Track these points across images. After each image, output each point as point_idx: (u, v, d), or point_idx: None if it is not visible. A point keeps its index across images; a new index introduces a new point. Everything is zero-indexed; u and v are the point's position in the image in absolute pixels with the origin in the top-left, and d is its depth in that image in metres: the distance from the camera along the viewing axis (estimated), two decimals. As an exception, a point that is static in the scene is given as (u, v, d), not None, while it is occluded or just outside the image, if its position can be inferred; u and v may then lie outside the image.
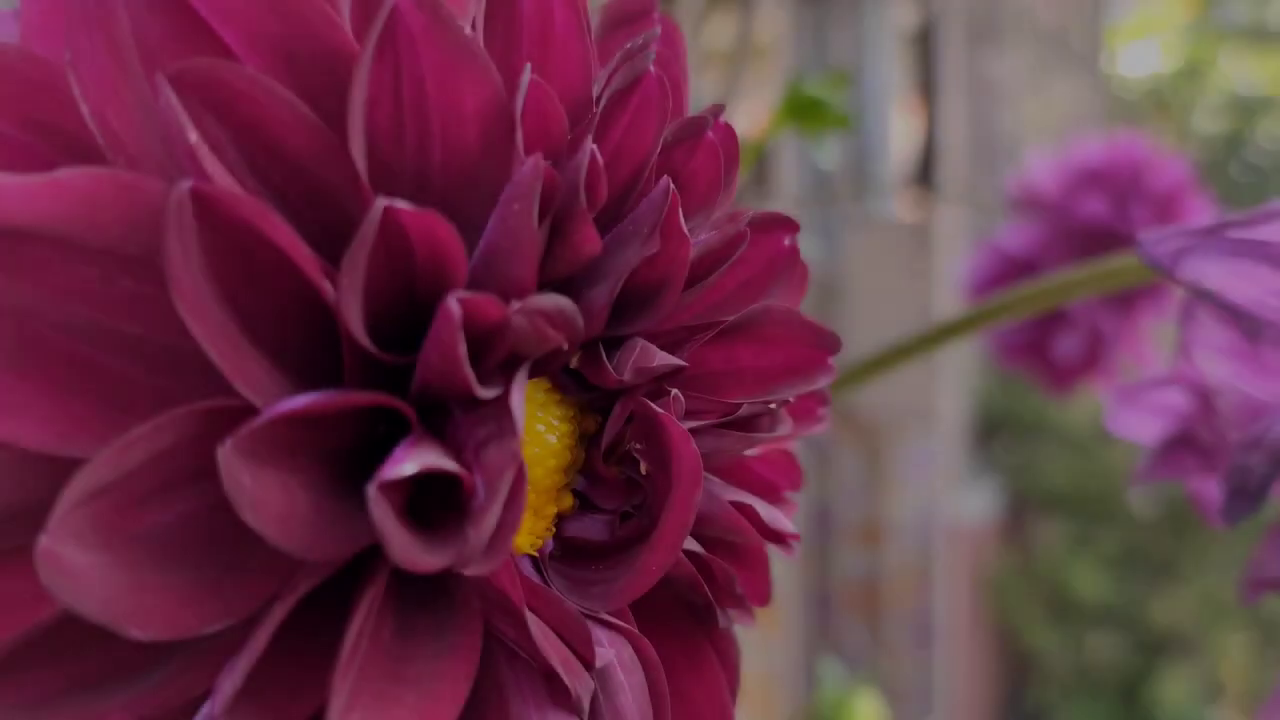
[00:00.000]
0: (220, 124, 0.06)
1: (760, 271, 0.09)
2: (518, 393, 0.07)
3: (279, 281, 0.06)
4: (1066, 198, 0.45)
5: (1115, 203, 0.44)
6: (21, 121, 0.07)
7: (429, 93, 0.07)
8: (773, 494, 0.10)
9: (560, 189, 0.07)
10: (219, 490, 0.06)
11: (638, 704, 0.08)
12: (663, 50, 0.08)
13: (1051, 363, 0.46)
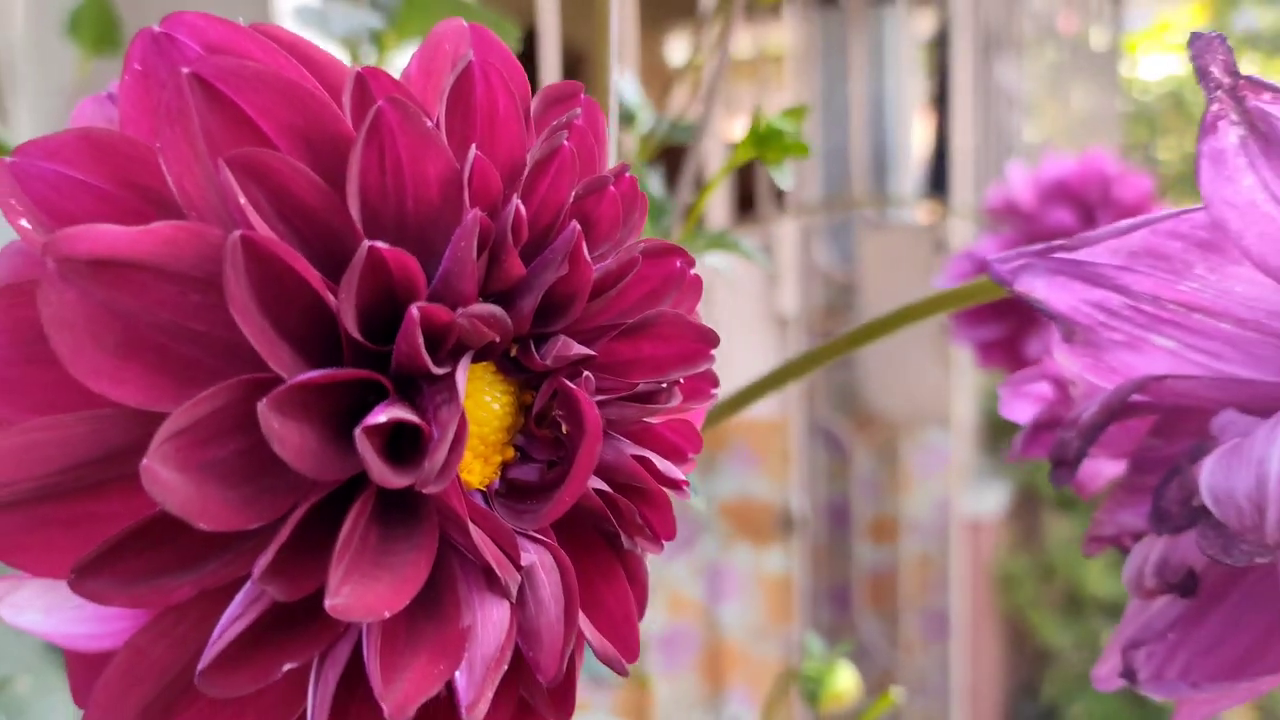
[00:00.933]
0: (260, 190, 0.09)
1: (658, 286, 0.12)
2: (461, 371, 0.10)
3: (299, 296, 0.09)
4: (1039, 208, 0.47)
5: (1084, 214, 0.47)
6: (124, 184, 0.10)
7: (404, 165, 0.10)
8: (677, 454, 0.13)
9: (494, 231, 0.10)
10: (258, 434, 0.09)
11: (554, 596, 0.11)
12: (581, 125, 0.11)
13: (1025, 362, 0.48)
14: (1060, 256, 0.14)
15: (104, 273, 0.09)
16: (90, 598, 0.09)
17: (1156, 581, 0.14)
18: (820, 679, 0.42)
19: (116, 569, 0.09)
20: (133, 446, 0.09)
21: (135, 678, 0.10)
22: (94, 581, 0.09)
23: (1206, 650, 0.14)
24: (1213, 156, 0.12)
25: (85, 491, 0.09)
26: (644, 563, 0.13)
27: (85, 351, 0.09)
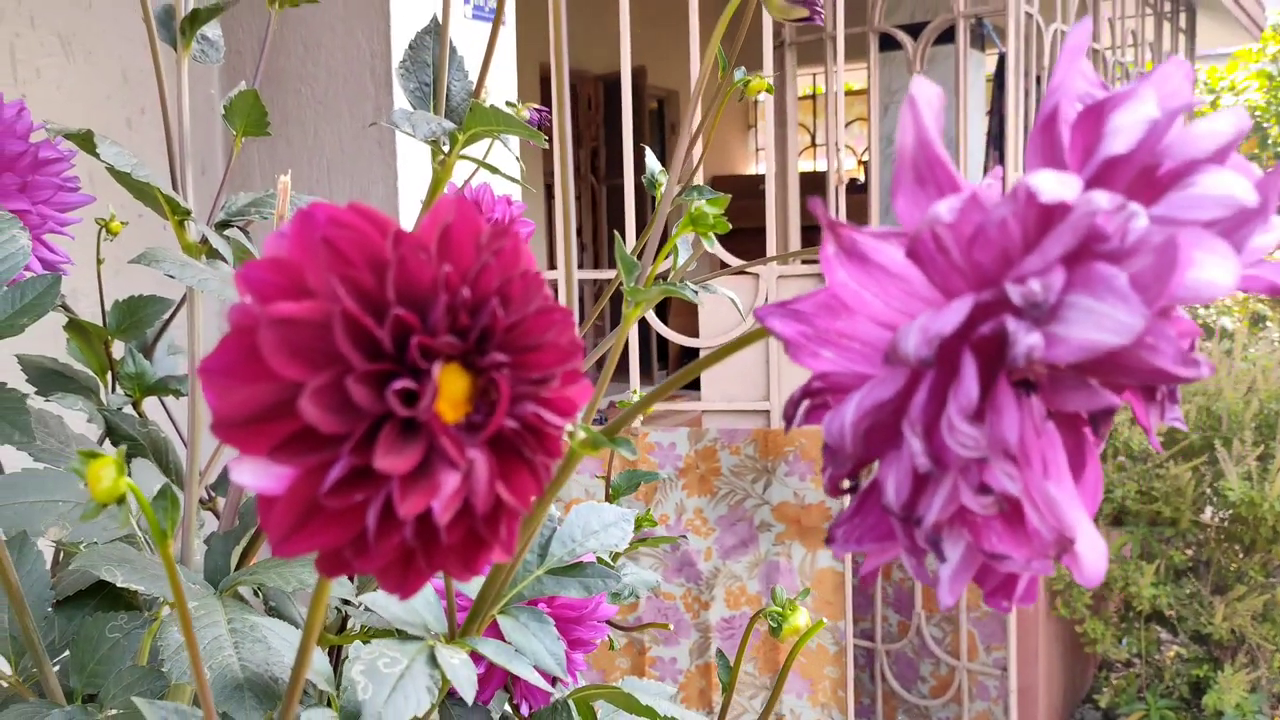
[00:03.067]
0: (347, 286, 0.20)
1: (546, 324, 0.23)
2: (437, 367, 0.21)
3: (365, 332, 0.20)
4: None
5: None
6: (291, 281, 0.21)
7: (412, 272, 0.21)
8: (564, 412, 0.24)
9: (455, 303, 0.21)
10: (346, 390, 0.20)
11: (484, 474, 0.22)
12: (508, 247, 0.22)
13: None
14: (786, 307, 0.25)
15: (284, 324, 0.20)
16: (275, 459, 0.20)
17: (834, 488, 0.24)
18: (784, 616, 0.52)
19: (289, 451, 0.21)
20: (294, 396, 0.20)
21: (291, 505, 0.21)
22: (270, 456, 0.20)
23: (866, 526, 0.24)
24: (825, 262, 0.22)
25: (273, 417, 0.21)
26: (550, 469, 0.23)
27: (276, 356, 0.20)
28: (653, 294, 0.38)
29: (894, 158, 0.23)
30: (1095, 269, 0.19)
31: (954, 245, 0.20)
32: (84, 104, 1.39)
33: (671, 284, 0.39)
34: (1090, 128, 0.21)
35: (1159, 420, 0.25)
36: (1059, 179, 0.19)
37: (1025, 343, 0.19)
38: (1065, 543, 0.22)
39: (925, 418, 0.21)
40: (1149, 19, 4.57)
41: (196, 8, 0.66)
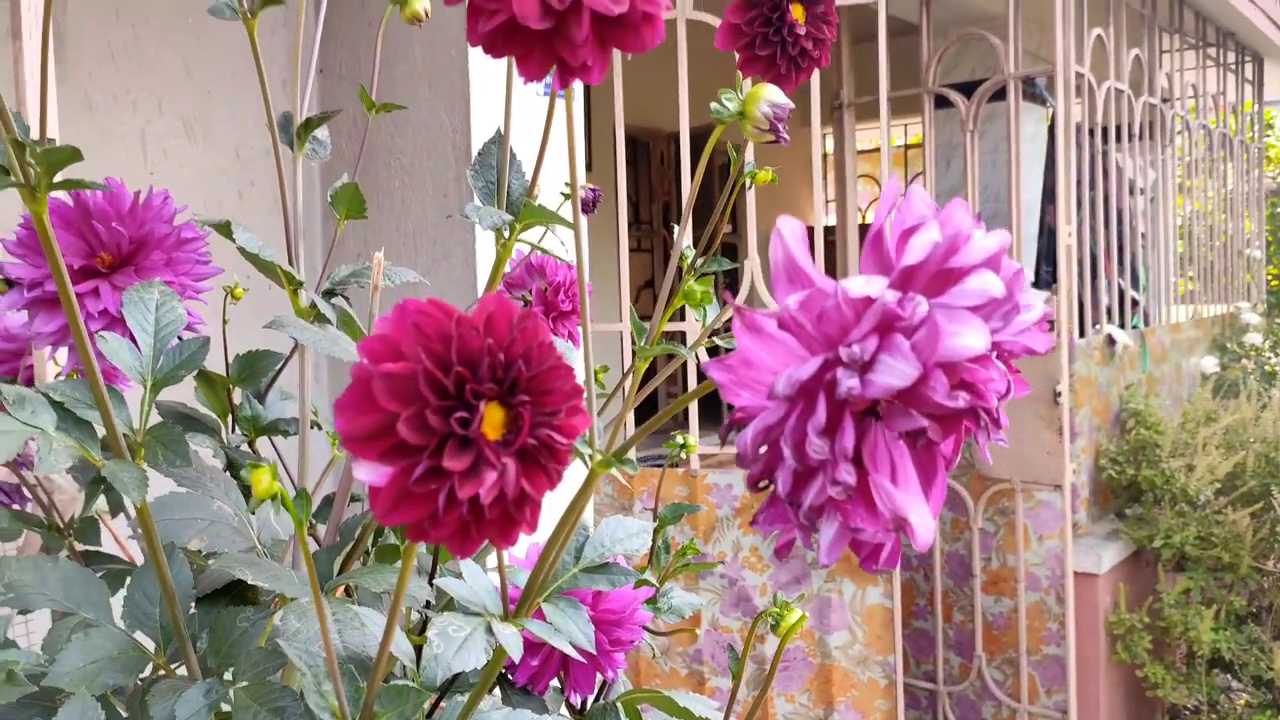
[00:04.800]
0: (428, 354, 0.32)
1: (560, 374, 0.34)
2: (483, 404, 0.32)
3: (439, 383, 0.32)
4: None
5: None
6: (391, 348, 0.33)
7: (469, 344, 0.33)
8: (574, 432, 0.35)
9: (494, 362, 0.33)
10: (426, 416, 0.32)
11: (513, 475, 0.33)
12: (531, 323, 0.34)
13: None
14: (721, 361, 0.36)
15: (388, 376, 0.32)
16: (381, 461, 0.32)
17: (752, 486, 0.35)
18: (781, 616, 0.62)
19: (389, 457, 0.32)
20: (394, 422, 0.32)
21: (391, 492, 0.33)
22: (379, 460, 0.32)
23: (775, 513, 0.35)
24: (735, 331, 0.33)
25: (380, 435, 0.33)
26: (559, 472, 0.35)
27: (383, 396, 0.32)
28: (655, 351, 0.50)
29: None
30: (893, 338, 0.30)
31: (808, 321, 0.31)
32: (203, 179, 1.56)
33: (673, 343, 0.50)
34: (901, 244, 0.32)
35: (988, 440, 0.36)
36: (866, 281, 0.30)
37: (846, 385, 0.30)
38: (900, 520, 0.33)
39: (795, 435, 0.32)
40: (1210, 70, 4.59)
41: (309, 116, 0.80)
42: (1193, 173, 4.34)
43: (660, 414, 0.42)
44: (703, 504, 1.85)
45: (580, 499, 0.47)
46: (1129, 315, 3.40)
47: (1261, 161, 5.68)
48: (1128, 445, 2.90)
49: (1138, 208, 3.57)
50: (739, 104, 0.47)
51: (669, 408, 0.42)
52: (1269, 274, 6.09)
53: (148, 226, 0.82)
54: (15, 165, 0.51)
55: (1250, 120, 5.35)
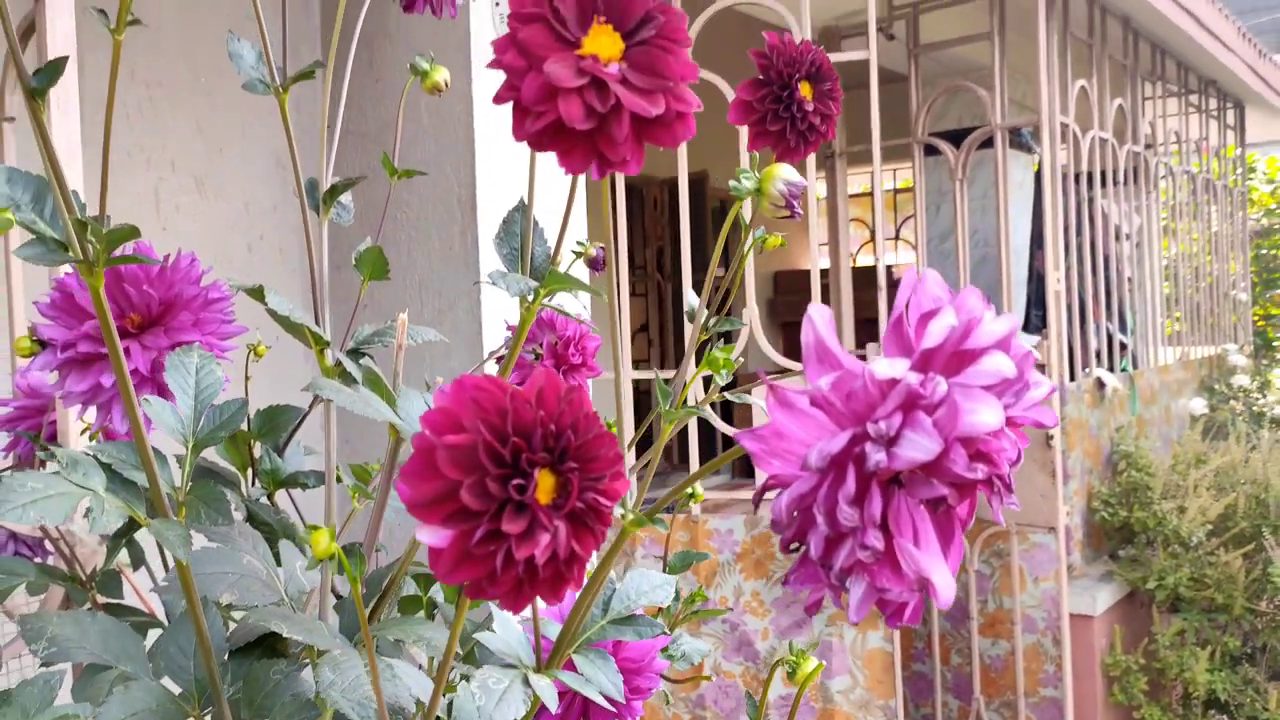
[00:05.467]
0: (484, 425, 0.35)
1: (604, 442, 0.37)
2: (537, 472, 0.35)
3: (496, 453, 0.35)
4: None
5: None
6: (451, 421, 0.36)
7: (525, 418, 0.35)
8: (616, 496, 0.38)
9: (545, 432, 0.36)
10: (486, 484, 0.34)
11: (565, 536, 0.36)
12: (576, 395, 0.37)
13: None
14: (753, 431, 0.39)
15: (451, 448, 0.35)
16: (444, 525, 0.35)
17: (785, 549, 0.38)
18: (797, 664, 0.65)
19: (452, 521, 0.35)
20: (456, 489, 0.35)
21: (452, 553, 0.35)
22: (441, 524, 0.35)
23: (806, 573, 0.38)
24: (768, 406, 0.36)
25: (443, 500, 0.35)
26: (603, 533, 0.38)
27: (446, 465, 0.35)
28: (682, 415, 0.53)
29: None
30: (916, 415, 0.33)
31: (838, 399, 0.34)
32: (213, 234, 1.60)
33: (695, 406, 0.53)
34: (920, 328, 0.35)
35: (1000, 504, 0.39)
36: (890, 363, 0.33)
37: (875, 458, 0.33)
38: (923, 580, 0.36)
39: (827, 503, 0.35)
40: (1193, 117, 4.68)
41: (335, 182, 0.83)
42: (1177, 216, 4.41)
43: (693, 474, 0.45)
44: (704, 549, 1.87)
45: (611, 555, 0.49)
46: (1118, 358, 3.44)
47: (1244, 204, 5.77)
48: (1119, 487, 2.93)
49: (1124, 253, 3.62)
50: (756, 182, 0.51)
51: (704, 467, 0.45)
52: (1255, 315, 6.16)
53: (176, 288, 0.85)
54: (75, 242, 0.54)
55: (1233, 164, 5.44)
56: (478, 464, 0.35)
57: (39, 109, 0.51)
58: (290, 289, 1.61)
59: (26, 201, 0.56)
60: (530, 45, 0.38)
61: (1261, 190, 6.80)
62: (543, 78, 0.38)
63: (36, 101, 0.51)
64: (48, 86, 0.51)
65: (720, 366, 0.51)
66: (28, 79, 0.51)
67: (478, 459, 0.35)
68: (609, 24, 0.39)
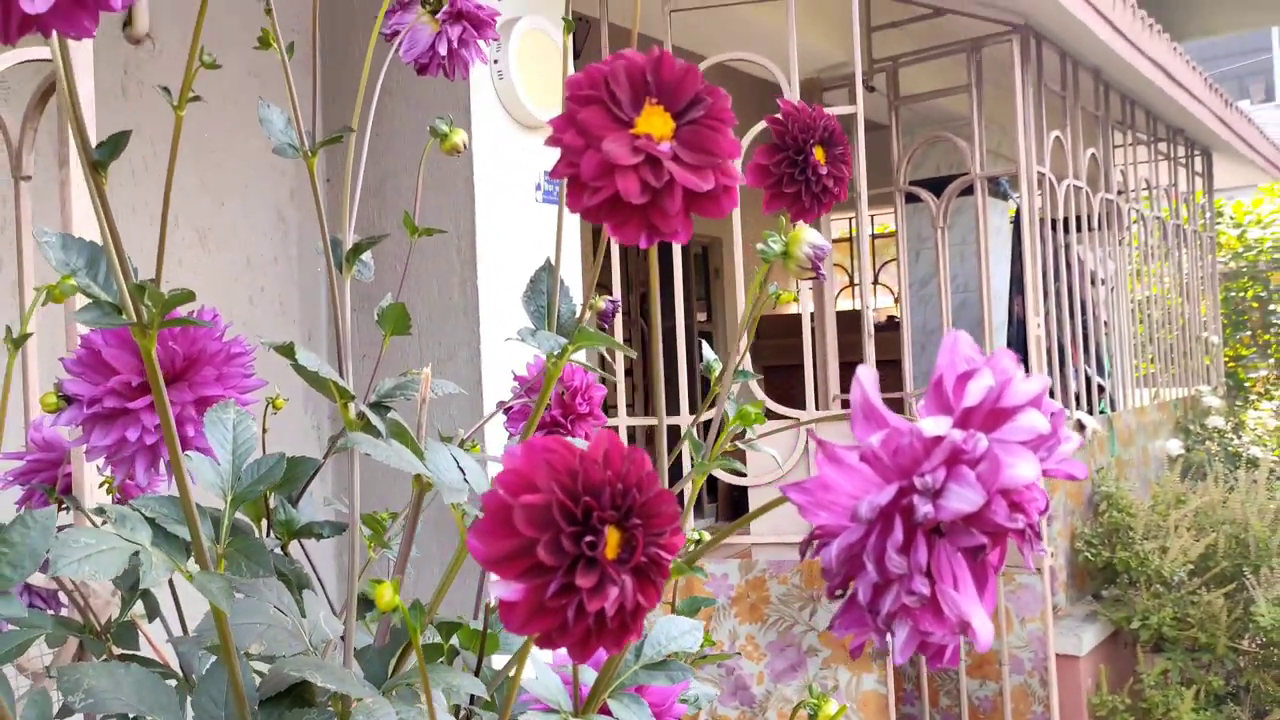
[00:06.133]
0: (556, 484, 0.37)
1: (663, 504, 0.39)
2: (606, 529, 0.37)
3: (570, 510, 0.37)
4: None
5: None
6: (523, 481, 0.38)
7: (592, 477, 0.38)
8: (675, 550, 0.40)
9: (614, 494, 0.38)
10: (559, 541, 0.37)
11: (630, 589, 0.38)
12: (638, 463, 0.39)
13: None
14: (799, 485, 0.41)
15: (527, 507, 0.37)
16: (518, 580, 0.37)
17: (830, 595, 0.40)
18: (818, 707, 0.67)
19: (526, 576, 0.37)
20: (531, 546, 0.37)
21: (526, 607, 0.37)
22: (516, 579, 0.37)
23: (851, 618, 0.40)
24: (818, 461, 0.39)
25: (517, 557, 0.37)
26: (663, 585, 0.40)
27: (522, 523, 0.37)
28: (712, 467, 0.55)
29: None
30: (960, 469, 0.36)
31: (886, 455, 0.37)
32: (216, 286, 1.61)
33: (726, 460, 0.56)
34: (959, 388, 0.38)
35: (1031, 552, 0.41)
36: (935, 422, 0.36)
37: (922, 510, 0.36)
38: (964, 625, 0.38)
39: (876, 552, 0.37)
40: (1163, 164, 4.79)
41: (358, 241, 0.85)
42: (1149, 259, 4.50)
43: (732, 524, 0.47)
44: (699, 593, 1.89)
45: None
46: (1096, 401, 3.49)
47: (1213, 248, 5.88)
48: (1101, 528, 2.96)
49: (1100, 297, 3.69)
50: (783, 245, 0.53)
51: (740, 519, 0.47)
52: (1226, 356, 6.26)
53: (200, 343, 0.87)
54: (129, 305, 0.56)
55: (1201, 210, 5.55)
56: (552, 522, 0.37)
57: (101, 180, 0.54)
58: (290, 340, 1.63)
59: (81, 266, 0.58)
60: (589, 125, 0.41)
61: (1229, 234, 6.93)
62: (601, 155, 0.41)
63: (99, 173, 0.53)
64: (110, 159, 0.54)
65: (751, 420, 0.53)
66: (91, 152, 0.53)
67: (552, 517, 0.37)
68: (660, 105, 0.42)
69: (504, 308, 1.67)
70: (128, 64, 1.53)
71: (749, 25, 2.58)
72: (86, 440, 0.82)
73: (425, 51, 0.93)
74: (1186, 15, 5.45)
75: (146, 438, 0.83)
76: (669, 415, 2.03)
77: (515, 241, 1.72)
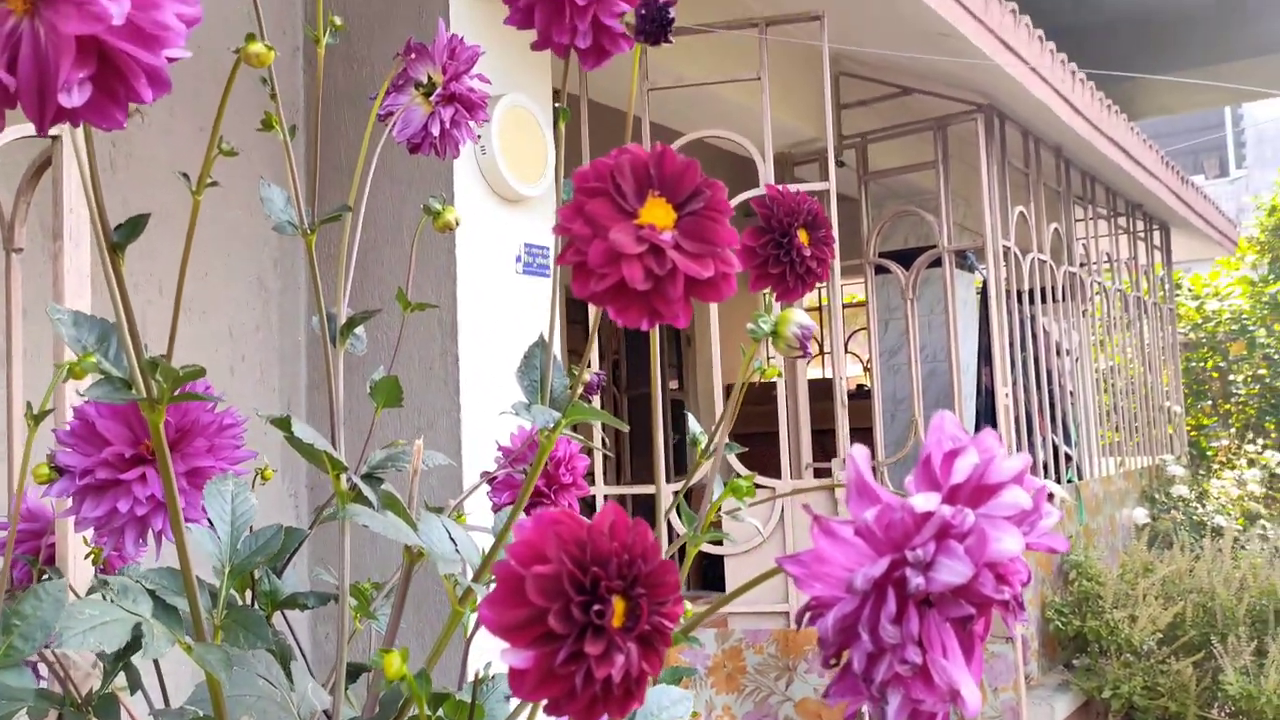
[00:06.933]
0: (566, 556, 0.39)
1: (666, 576, 0.41)
2: (613, 599, 0.39)
3: (577, 581, 0.39)
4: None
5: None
6: (533, 552, 0.40)
7: (602, 552, 0.40)
8: (676, 619, 0.42)
9: (619, 566, 0.40)
10: (568, 612, 0.38)
11: (636, 657, 0.40)
12: (643, 538, 0.41)
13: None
14: (795, 557, 0.43)
15: (538, 576, 0.39)
16: (529, 648, 0.38)
17: (825, 664, 0.42)
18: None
19: (537, 644, 0.39)
20: (542, 615, 0.39)
21: (535, 674, 0.39)
22: (527, 646, 0.39)
23: (845, 686, 0.42)
24: (813, 535, 0.41)
25: (528, 626, 0.39)
26: (665, 653, 0.41)
27: (534, 594, 0.38)
28: (704, 539, 0.57)
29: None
30: (949, 543, 0.38)
31: (879, 529, 0.39)
32: (198, 355, 1.62)
33: (718, 533, 0.58)
34: (947, 466, 0.40)
35: (1014, 622, 0.43)
36: (925, 498, 0.38)
37: (914, 582, 0.38)
38: (954, 693, 0.40)
39: (870, 622, 0.39)
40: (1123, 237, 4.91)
41: (351, 316, 0.87)
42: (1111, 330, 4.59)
43: (727, 595, 0.49)
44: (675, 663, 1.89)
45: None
46: (1063, 470, 3.54)
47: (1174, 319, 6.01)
48: (1072, 596, 2.98)
49: (1065, 367, 3.76)
50: (772, 324, 0.56)
51: (735, 590, 0.49)
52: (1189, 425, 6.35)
53: (193, 415, 0.88)
54: (139, 381, 0.57)
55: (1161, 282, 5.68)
56: (562, 592, 0.39)
57: (118, 261, 0.56)
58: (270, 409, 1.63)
59: (93, 343, 0.60)
60: (596, 216, 0.44)
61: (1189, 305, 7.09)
62: (607, 244, 0.43)
63: (117, 255, 0.55)
64: (128, 242, 0.56)
65: (744, 493, 0.55)
66: (110, 234, 0.55)
67: (562, 587, 0.39)
68: (662, 197, 0.45)
69: (484, 377, 1.69)
70: (115, 137, 1.55)
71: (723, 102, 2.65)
72: (77, 511, 0.83)
73: (418, 132, 0.96)
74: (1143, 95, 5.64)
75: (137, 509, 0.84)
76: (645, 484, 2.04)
77: (496, 311, 1.74)
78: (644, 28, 0.57)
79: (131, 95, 0.42)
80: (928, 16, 2.44)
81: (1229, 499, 4.54)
